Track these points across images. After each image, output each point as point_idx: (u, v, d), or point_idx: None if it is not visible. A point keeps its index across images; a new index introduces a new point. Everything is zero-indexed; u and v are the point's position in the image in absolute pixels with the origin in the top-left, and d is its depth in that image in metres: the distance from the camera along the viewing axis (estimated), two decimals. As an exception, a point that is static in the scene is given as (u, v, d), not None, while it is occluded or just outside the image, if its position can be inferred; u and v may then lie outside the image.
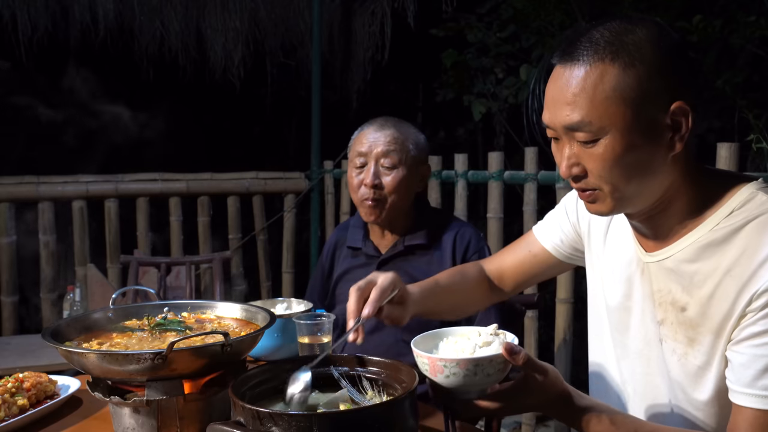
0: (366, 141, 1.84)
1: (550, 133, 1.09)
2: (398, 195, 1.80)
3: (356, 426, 0.97)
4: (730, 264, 1.02)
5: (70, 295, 3.18)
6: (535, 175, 3.07)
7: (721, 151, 2.44)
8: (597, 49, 1.00)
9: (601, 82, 0.99)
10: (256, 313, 1.45)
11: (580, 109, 1.00)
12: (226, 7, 4.61)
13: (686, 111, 1.00)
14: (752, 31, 3.46)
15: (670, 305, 1.10)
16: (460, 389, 1.03)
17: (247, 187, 4.14)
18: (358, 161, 1.85)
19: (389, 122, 1.86)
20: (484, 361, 0.99)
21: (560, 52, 1.05)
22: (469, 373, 0.99)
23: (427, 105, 6.07)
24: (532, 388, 1.03)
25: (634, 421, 1.02)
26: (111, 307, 1.49)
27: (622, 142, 1.00)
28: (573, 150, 1.05)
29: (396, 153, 1.80)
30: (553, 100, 1.05)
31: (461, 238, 1.83)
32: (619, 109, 0.99)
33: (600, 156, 1.02)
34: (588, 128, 1.01)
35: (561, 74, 1.03)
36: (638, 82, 0.98)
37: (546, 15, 4.03)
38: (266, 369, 1.20)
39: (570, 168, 1.06)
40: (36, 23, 4.36)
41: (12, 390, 1.36)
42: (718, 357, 1.04)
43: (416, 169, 1.85)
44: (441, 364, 1.01)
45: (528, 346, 3.17)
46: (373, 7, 4.90)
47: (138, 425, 1.20)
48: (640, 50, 0.99)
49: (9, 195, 3.65)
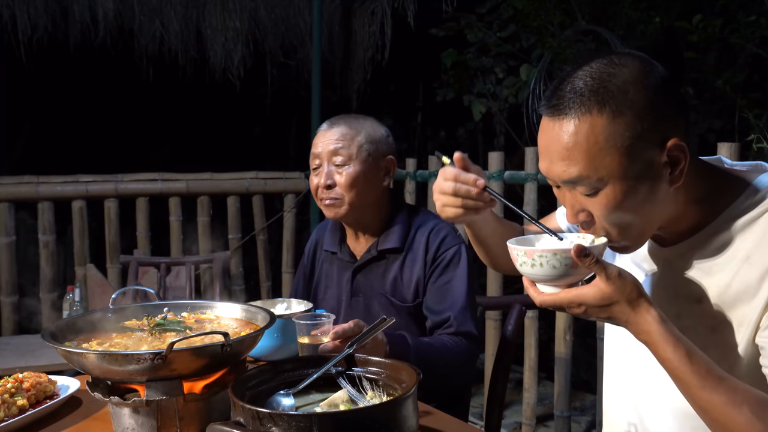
0: (318, 142, 1.80)
1: (550, 181, 1.09)
2: (354, 191, 1.74)
3: (356, 426, 0.96)
4: (748, 252, 1.03)
5: (69, 295, 3.18)
6: (535, 175, 3.07)
7: (722, 150, 2.44)
8: (582, 101, 0.99)
9: (592, 135, 0.99)
10: (256, 313, 1.45)
11: (576, 164, 1.00)
12: (226, 7, 4.61)
13: (682, 147, 1.00)
14: (752, 31, 3.46)
15: (686, 297, 1.11)
16: (536, 279, 1.05)
17: (247, 187, 4.14)
18: (314, 164, 1.81)
19: (341, 119, 1.81)
20: (548, 252, 1.00)
21: (546, 102, 1.05)
22: (536, 264, 1.01)
23: (427, 105, 6.07)
24: (604, 294, 0.99)
25: (709, 362, 0.99)
26: (111, 307, 1.49)
27: (622, 189, 1.00)
28: (576, 199, 1.06)
29: (345, 149, 1.75)
30: (547, 153, 1.05)
31: (435, 235, 1.78)
32: (615, 159, 0.99)
33: (603, 205, 1.02)
34: (587, 182, 1.01)
35: (551, 128, 1.03)
36: (629, 129, 0.98)
37: (546, 15, 4.03)
38: (266, 369, 1.20)
39: (576, 215, 1.07)
40: (36, 23, 4.35)
41: (11, 390, 1.35)
42: (740, 345, 1.05)
43: (374, 163, 1.77)
44: (515, 253, 1.04)
45: (528, 347, 3.17)
46: (373, 7, 4.90)
47: (138, 425, 1.20)
48: (626, 95, 0.98)
49: (9, 195, 3.64)
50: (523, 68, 4.29)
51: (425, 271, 1.76)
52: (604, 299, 0.99)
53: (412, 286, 1.76)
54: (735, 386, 0.97)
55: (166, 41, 4.65)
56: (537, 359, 3.17)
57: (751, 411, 0.94)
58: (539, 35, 4.14)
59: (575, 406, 3.65)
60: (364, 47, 5.01)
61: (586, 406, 3.72)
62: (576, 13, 3.98)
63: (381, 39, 4.93)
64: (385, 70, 5.15)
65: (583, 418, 3.58)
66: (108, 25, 4.45)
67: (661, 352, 0.99)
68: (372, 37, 4.96)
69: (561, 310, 1.05)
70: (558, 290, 1.04)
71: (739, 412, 0.95)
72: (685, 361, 0.98)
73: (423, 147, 6.06)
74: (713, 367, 0.98)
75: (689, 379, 0.98)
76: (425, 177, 3.72)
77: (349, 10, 5.00)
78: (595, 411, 3.17)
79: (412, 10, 4.63)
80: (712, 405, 0.97)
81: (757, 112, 3.27)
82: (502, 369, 1.90)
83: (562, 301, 1.02)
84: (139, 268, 3.31)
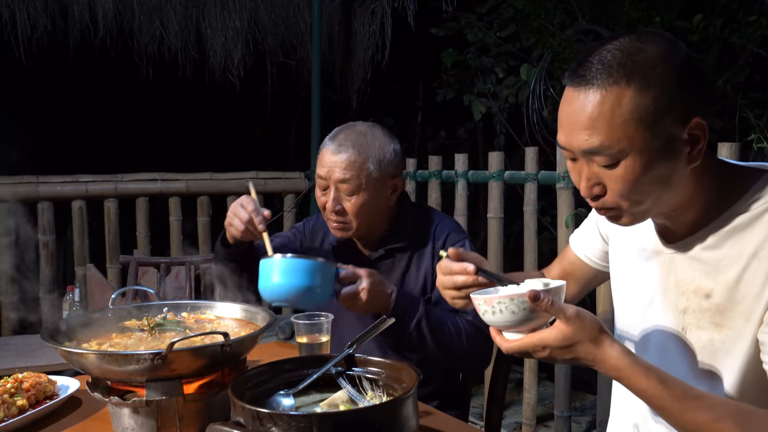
0: (324, 164, 1.73)
1: (566, 154, 1.09)
2: (362, 218, 1.72)
3: (356, 426, 0.96)
4: (757, 247, 1.03)
5: (69, 295, 3.18)
6: (536, 175, 3.07)
7: (722, 150, 2.43)
8: (611, 72, 1.00)
9: (618, 106, 0.99)
10: (256, 314, 1.45)
11: (599, 134, 1.00)
12: (225, 6, 4.61)
13: (703, 125, 1.01)
14: (753, 31, 3.46)
15: (693, 293, 1.11)
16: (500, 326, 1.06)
17: (247, 187, 4.13)
18: (320, 182, 1.75)
19: (348, 140, 1.72)
20: (505, 299, 1.02)
21: (571, 73, 1.05)
22: (496, 311, 1.03)
23: (427, 105, 6.07)
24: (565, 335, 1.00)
25: (683, 384, 1.00)
26: (110, 307, 1.49)
27: (642, 163, 1.01)
28: (593, 171, 1.06)
29: (354, 179, 1.69)
30: (569, 124, 1.05)
31: (440, 231, 1.80)
32: (638, 132, 0.99)
33: (621, 177, 1.02)
34: (607, 152, 1.01)
35: (575, 98, 1.03)
36: (655, 103, 0.98)
37: (546, 14, 4.02)
38: (266, 369, 1.19)
39: (591, 188, 1.07)
40: (35, 23, 4.35)
41: (11, 390, 1.35)
42: (746, 340, 1.05)
43: (382, 188, 1.74)
44: (476, 303, 1.06)
45: (528, 346, 3.17)
46: (373, 6, 4.89)
47: (137, 426, 1.20)
48: (654, 70, 0.99)
49: (9, 195, 3.64)
50: (523, 68, 4.29)
51: (433, 264, 1.77)
52: (566, 340, 1.00)
53: (420, 281, 1.77)
54: (714, 402, 0.99)
55: (165, 41, 4.64)
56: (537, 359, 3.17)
57: (735, 423, 0.96)
58: (539, 35, 4.14)
59: (575, 406, 3.65)
60: (364, 47, 5.01)
61: (586, 406, 3.72)
62: (576, 13, 3.98)
63: (381, 39, 4.93)
64: (385, 70, 5.15)
65: (583, 418, 3.58)
66: (107, 24, 4.44)
67: (635, 383, 1.00)
68: (372, 37, 4.96)
69: (528, 356, 1.06)
70: (522, 336, 1.04)
71: (725, 425, 0.96)
72: (660, 388, 0.98)
73: (423, 147, 6.06)
74: (688, 388, 1.00)
75: (668, 405, 0.98)
76: (425, 177, 3.72)
77: (349, 10, 4.99)
78: (596, 411, 3.16)
79: (412, 10, 4.62)
80: (697, 425, 0.98)
81: (758, 112, 3.27)
82: (502, 369, 1.90)
83: (527, 347, 1.03)
84: (139, 268, 3.30)
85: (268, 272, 1.52)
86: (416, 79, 6.02)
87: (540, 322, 1.03)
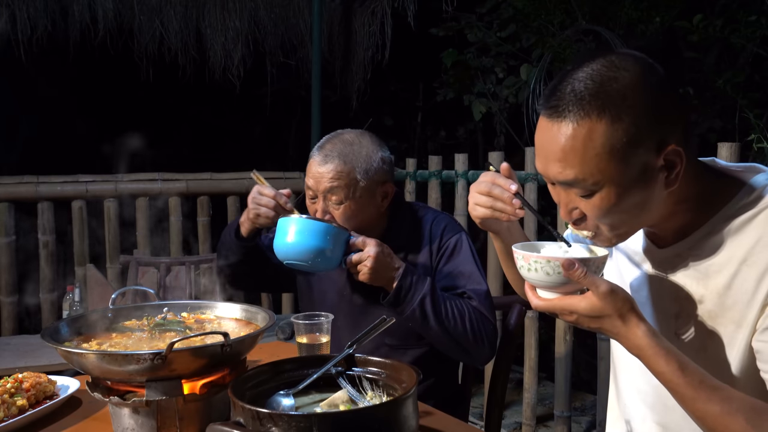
0: (312, 174, 1.73)
1: (545, 178, 1.09)
2: (352, 226, 1.71)
3: (356, 426, 0.96)
4: (746, 253, 1.03)
5: (69, 295, 3.18)
6: (536, 175, 3.07)
7: (722, 150, 2.43)
8: (582, 105, 0.99)
9: (590, 140, 0.98)
10: (256, 314, 1.45)
11: (572, 167, 1.01)
12: (225, 6, 4.61)
13: (679, 152, 1.00)
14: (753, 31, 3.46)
15: (685, 299, 1.11)
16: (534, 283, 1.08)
17: (247, 187, 4.12)
18: (309, 192, 1.76)
19: (335, 150, 1.71)
20: (542, 259, 1.03)
21: (545, 101, 1.04)
22: (531, 268, 1.05)
23: (427, 105, 6.07)
24: (594, 307, 1.01)
25: (702, 373, 1.00)
26: (110, 307, 1.49)
27: (616, 193, 1.01)
28: (570, 197, 1.07)
29: (341, 189, 1.68)
30: (543, 152, 1.05)
31: (436, 226, 1.81)
32: (611, 164, 0.99)
33: (597, 206, 1.03)
34: (582, 185, 1.02)
35: (548, 128, 1.03)
36: (627, 134, 0.98)
37: (546, 14, 4.03)
38: (266, 369, 1.19)
39: (570, 213, 1.08)
40: (35, 23, 4.35)
41: (11, 390, 1.35)
42: (738, 346, 1.05)
43: (371, 197, 1.73)
44: (516, 256, 1.08)
45: (528, 347, 3.17)
46: (373, 6, 4.89)
47: (137, 426, 1.20)
48: (626, 100, 0.98)
49: (9, 195, 3.64)
50: (523, 68, 4.29)
51: (431, 261, 1.78)
52: (594, 311, 1.01)
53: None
54: (729, 395, 0.98)
55: (165, 41, 4.64)
56: (537, 359, 3.17)
57: (746, 419, 0.95)
58: (539, 35, 4.14)
59: (575, 406, 3.65)
60: (364, 47, 5.01)
61: (586, 406, 3.72)
62: (576, 12, 3.98)
63: (381, 39, 4.93)
64: (385, 70, 5.15)
65: (583, 418, 3.58)
66: (108, 24, 4.44)
67: (654, 365, 1.00)
68: (372, 37, 4.96)
69: (554, 315, 1.07)
70: (555, 296, 1.06)
71: (734, 420, 0.96)
72: (678, 374, 0.98)
73: (423, 147, 6.06)
74: (706, 378, 0.99)
75: (684, 391, 0.99)
76: (425, 177, 3.72)
77: (349, 10, 4.99)
78: (596, 411, 3.16)
79: (412, 10, 4.62)
80: (709, 415, 0.98)
81: (758, 112, 3.27)
82: (502, 369, 1.90)
83: (555, 308, 1.05)
84: (139, 268, 3.31)
85: (284, 230, 1.61)
86: (416, 79, 6.02)
87: (575, 287, 1.05)
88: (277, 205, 1.71)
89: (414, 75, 5.94)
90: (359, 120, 4.76)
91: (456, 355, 1.77)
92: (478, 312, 1.67)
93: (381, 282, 1.62)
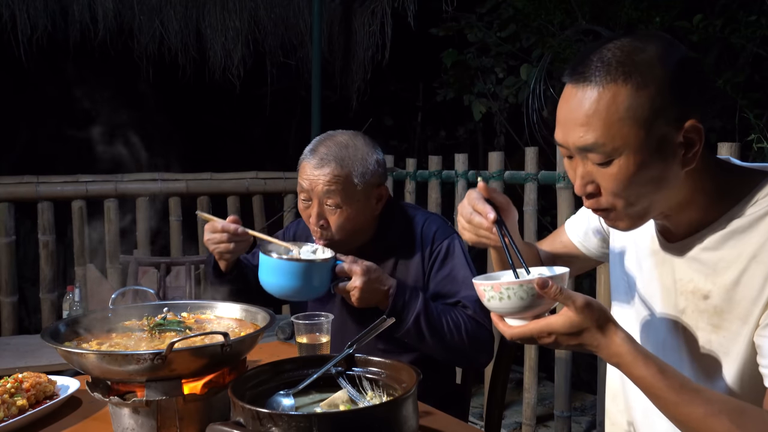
0: (306, 177, 1.68)
1: (563, 151, 1.09)
2: (347, 231, 1.70)
3: (356, 426, 0.96)
4: (756, 250, 1.03)
5: (69, 295, 3.18)
6: (536, 175, 3.07)
7: (722, 150, 2.44)
8: (609, 70, 1.00)
9: (614, 104, 0.99)
10: (256, 314, 1.45)
11: (594, 131, 1.01)
12: (225, 6, 4.61)
13: (699, 129, 1.01)
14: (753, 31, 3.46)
15: (692, 293, 1.12)
16: (504, 313, 1.06)
17: (247, 187, 4.14)
18: (302, 194, 1.71)
19: (330, 153, 1.66)
20: (514, 285, 1.02)
21: (571, 70, 1.05)
22: (503, 297, 1.03)
23: (427, 105, 6.07)
24: (573, 322, 1.01)
25: (682, 377, 1.00)
26: (110, 307, 1.49)
27: (635, 162, 1.01)
28: (587, 169, 1.06)
29: (338, 194, 1.65)
30: (565, 120, 1.05)
31: (427, 228, 1.78)
32: (632, 130, 0.99)
33: (614, 176, 1.03)
34: (601, 150, 1.01)
35: (573, 94, 1.04)
36: (651, 102, 0.99)
37: (546, 14, 4.03)
38: (266, 369, 1.19)
39: (584, 186, 1.07)
40: (35, 23, 4.35)
41: (11, 390, 1.35)
42: (743, 343, 1.05)
43: (366, 200, 1.71)
44: (481, 289, 1.06)
45: (528, 347, 3.17)
46: (373, 6, 4.90)
47: (137, 426, 1.20)
48: (652, 70, 0.99)
49: (9, 195, 3.64)
50: (523, 68, 4.29)
51: (423, 265, 1.76)
52: (573, 327, 1.01)
53: (410, 280, 1.76)
54: (711, 397, 0.98)
55: (165, 41, 4.65)
56: (537, 359, 3.17)
57: (730, 420, 0.96)
58: (539, 35, 4.14)
59: (575, 406, 3.65)
60: (364, 47, 5.01)
61: (586, 406, 3.72)
62: (576, 12, 3.98)
63: (381, 39, 4.93)
64: (385, 70, 5.15)
65: (583, 418, 3.58)
66: (108, 24, 4.45)
67: (634, 371, 1.00)
68: (372, 37, 4.96)
69: (532, 342, 1.06)
70: (526, 322, 1.05)
71: (719, 422, 0.96)
72: (659, 378, 0.99)
73: (423, 147, 6.06)
74: (687, 381, 1.00)
75: (665, 395, 0.99)
76: (425, 177, 3.72)
77: (349, 10, 5.00)
78: (595, 411, 3.16)
79: (412, 10, 4.62)
80: (692, 418, 0.98)
81: (758, 112, 3.27)
82: (502, 369, 1.90)
83: (532, 332, 1.04)
84: (139, 268, 3.31)
85: (267, 269, 1.60)
86: (416, 79, 6.02)
87: (545, 309, 1.04)
88: (231, 236, 1.67)
89: (414, 75, 5.94)
90: (359, 120, 4.76)
91: (454, 363, 1.77)
92: (474, 321, 1.67)
93: (374, 304, 1.61)
